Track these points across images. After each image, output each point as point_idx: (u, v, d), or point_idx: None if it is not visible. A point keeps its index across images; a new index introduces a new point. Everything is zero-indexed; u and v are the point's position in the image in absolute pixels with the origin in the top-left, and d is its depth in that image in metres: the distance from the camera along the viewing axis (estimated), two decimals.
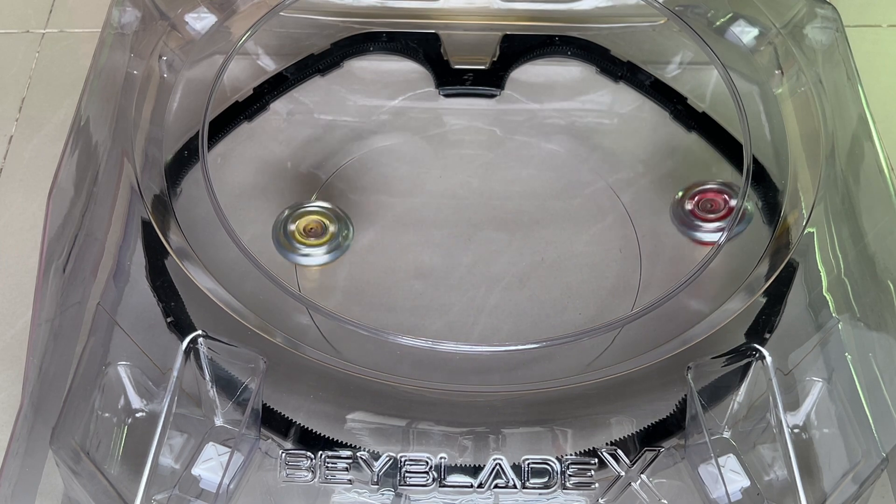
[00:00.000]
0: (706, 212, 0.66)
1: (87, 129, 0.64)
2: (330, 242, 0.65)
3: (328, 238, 0.65)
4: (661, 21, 0.77)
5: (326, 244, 0.65)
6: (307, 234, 0.65)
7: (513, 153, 0.74)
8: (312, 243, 0.65)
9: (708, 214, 0.66)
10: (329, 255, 0.65)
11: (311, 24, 0.78)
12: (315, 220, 0.65)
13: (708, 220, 0.66)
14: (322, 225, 0.65)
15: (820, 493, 0.53)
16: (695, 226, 0.66)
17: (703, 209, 0.66)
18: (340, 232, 0.65)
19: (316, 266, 0.65)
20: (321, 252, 0.65)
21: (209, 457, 0.54)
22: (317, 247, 0.65)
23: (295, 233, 0.65)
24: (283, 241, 0.65)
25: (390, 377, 0.58)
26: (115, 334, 0.57)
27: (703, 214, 0.66)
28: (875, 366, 0.56)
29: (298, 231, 0.65)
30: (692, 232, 0.66)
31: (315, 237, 0.65)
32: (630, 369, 0.58)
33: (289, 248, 0.65)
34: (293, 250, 0.65)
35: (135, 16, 0.71)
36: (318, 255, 0.65)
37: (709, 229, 0.66)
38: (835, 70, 0.69)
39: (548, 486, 0.54)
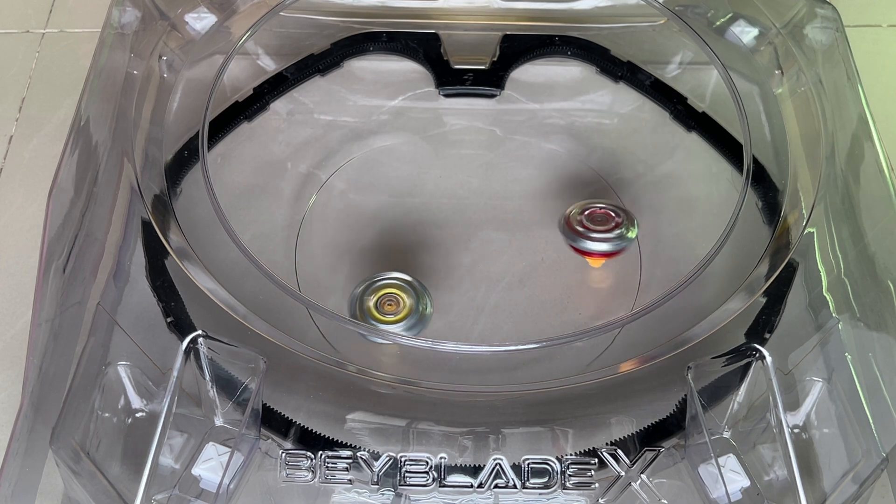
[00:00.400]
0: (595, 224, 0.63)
1: (87, 129, 0.64)
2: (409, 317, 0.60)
3: (405, 314, 0.60)
4: (661, 21, 0.77)
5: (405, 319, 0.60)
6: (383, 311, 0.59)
7: (513, 153, 0.74)
8: (389, 320, 0.59)
9: (597, 226, 0.63)
10: (411, 331, 0.59)
11: (311, 24, 0.78)
12: (391, 293, 0.60)
13: (597, 231, 0.63)
14: (398, 299, 0.60)
15: (820, 493, 0.53)
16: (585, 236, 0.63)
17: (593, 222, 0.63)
18: (419, 304, 0.60)
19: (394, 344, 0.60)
20: (400, 328, 0.59)
21: (209, 457, 0.53)
22: (394, 323, 0.59)
23: (371, 308, 0.60)
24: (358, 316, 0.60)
25: (390, 377, 0.58)
26: (115, 334, 0.57)
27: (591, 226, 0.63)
28: (875, 366, 0.56)
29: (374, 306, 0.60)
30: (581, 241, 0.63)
31: (392, 314, 0.59)
32: (630, 369, 0.58)
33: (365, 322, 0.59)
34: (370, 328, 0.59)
35: (135, 16, 0.71)
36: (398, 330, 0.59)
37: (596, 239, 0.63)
38: (835, 70, 0.69)
39: (548, 486, 0.54)
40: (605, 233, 0.63)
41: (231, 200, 0.69)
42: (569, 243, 0.63)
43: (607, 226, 0.63)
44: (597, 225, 0.63)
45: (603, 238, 0.62)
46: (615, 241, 0.63)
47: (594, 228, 0.63)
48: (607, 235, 0.62)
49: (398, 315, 0.60)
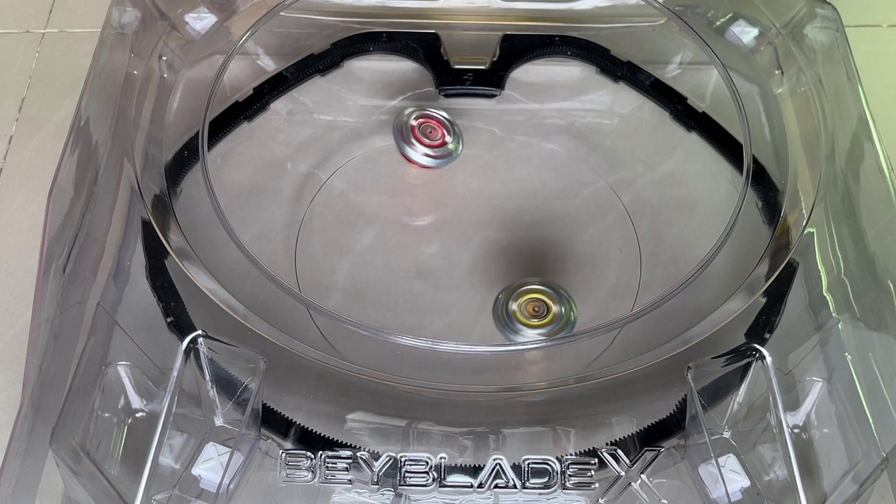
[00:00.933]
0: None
1: (87, 129, 0.64)
2: (554, 323, 0.61)
3: (551, 319, 0.61)
4: (661, 21, 0.77)
5: (549, 325, 0.61)
6: (530, 315, 0.61)
7: (513, 153, 0.74)
8: (535, 324, 0.60)
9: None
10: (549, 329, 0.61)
11: (311, 24, 0.78)
12: (536, 298, 0.61)
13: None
14: (545, 305, 0.61)
15: (820, 493, 0.53)
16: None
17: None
18: (562, 311, 0.61)
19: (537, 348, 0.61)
20: (543, 332, 0.60)
21: (209, 457, 0.54)
22: (539, 328, 0.60)
23: (517, 313, 0.61)
24: (503, 320, 0.61)
25: (390, 377, 0.58)
26: (115, 334, 0.57)
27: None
28: (875, 366, 0.56)
29: (520, 311, 0.61)
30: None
31: (538, 318, 0.61)
32: (630, 369, 0.58)
33: (510, 329, 0.61)
34: (514, 331, 0.60)
35: (135, 16, 0.71)
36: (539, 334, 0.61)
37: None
38: (835, 70, 0.69)
39: (548, 486, 0.54)
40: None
41: (231, 200, 0.69)
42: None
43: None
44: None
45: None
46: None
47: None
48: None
49: (544, 320, 0.60)
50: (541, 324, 0.60)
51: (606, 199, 0.71)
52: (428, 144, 0.68)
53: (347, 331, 0.59)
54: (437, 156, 0.68)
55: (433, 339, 0.58)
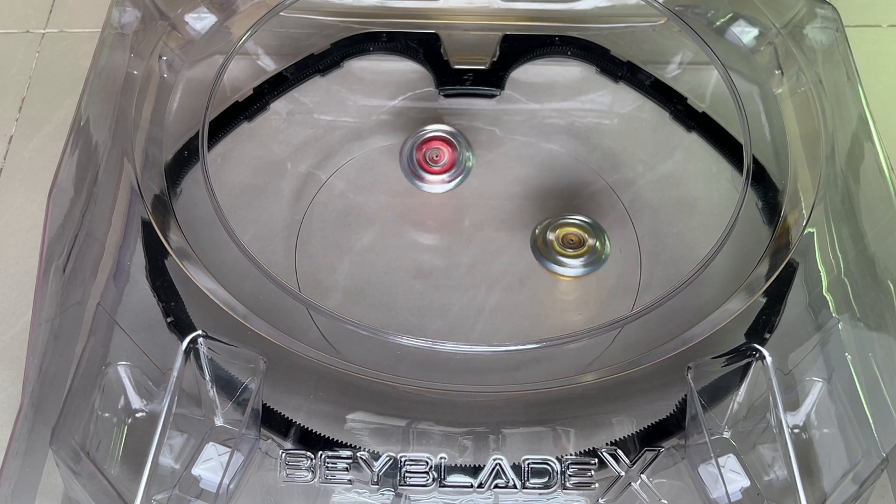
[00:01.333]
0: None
1: (87, 129, 0.64)
2: (588, 255, 0.64)
3: (586, 250, 0.64)
4: (661, 21, 0.77)
5: (584, 256, 0.64)
6: (565, 245, 0.64)
7: (513, 153, 0.74)
8: (570, 254, 0.64)
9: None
10: (586, 268, 0.64)
11: (311, 24, 0.78)
12: (573, 232, 0.64)
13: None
14: (580, 238, 0.64)
15: (820, 493, 0.53)
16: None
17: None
18: (597, 244, 0.64)
19: (571, 277, 0.64)
20: (579, 263, 0.64)
21: (209, 457, 0.54)
22: (574, 258, 0.64)
23: (554, 243, 0.64)
24: (542, 250, 0.64)
25: (390, 377, 0.58)
26: (115, 334, 0.57)
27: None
28: (875, 366, 0.56)
29: (557, 241, 0.64)
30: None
31: (573, 248, 0.64)
32: (630, 369, 0.58)
33: (549, 258, 0.64)
34: (553, 260, 0.64)
35: (135, 16, 0.71)
36: (577, 266, 0.64)
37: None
38: (835, 70, 0.69)
39: (548, 486, 0.54)
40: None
41: (231, 200, 0.69)
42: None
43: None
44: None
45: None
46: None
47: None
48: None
49: (580, 251, 0.64)
50: (576, 254, 0.64)
51: (606, 199, 0.71)
52: (438, 171, 0.67)
53: (347, 331, 0.60)
54: (451, 178, 0.68)
55: (433, 339, 0.58)
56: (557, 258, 0.64)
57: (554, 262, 0.64)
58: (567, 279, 0.65)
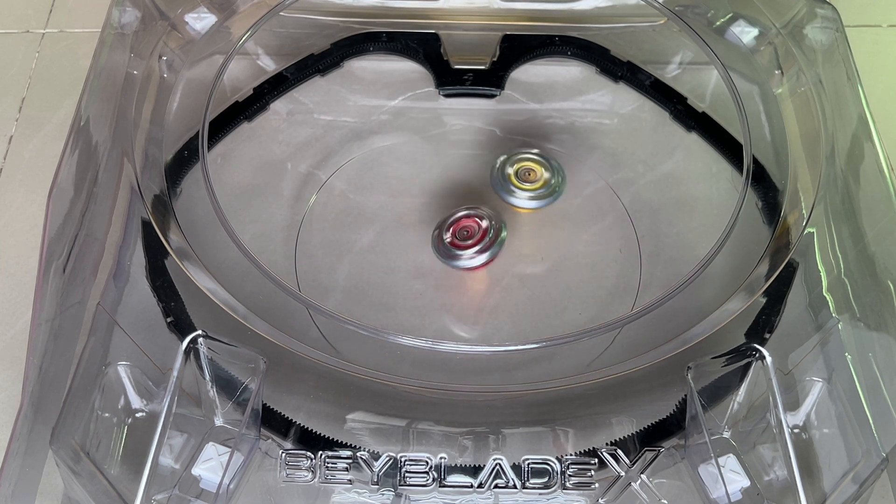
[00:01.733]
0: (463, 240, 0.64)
1: (87, 129, 0.64)
2: (544, 188, 0.66)
3: (541, 184, 0.66)
4: (661, 21, 0.77)
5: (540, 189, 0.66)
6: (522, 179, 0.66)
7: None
8: (527, 188, 0.66)
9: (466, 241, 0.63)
10: (538, 202, 0.66)
11: (311, 24, 0.78)
12: (529, 166, 0.66)
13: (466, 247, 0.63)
14: (534, 171, 0.66)
15: (820, 493, 0.53)
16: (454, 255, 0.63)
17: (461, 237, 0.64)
18: (554, 178, 0.66)
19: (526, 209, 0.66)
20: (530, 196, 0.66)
21: (209, 457, 0.54)
22: (530, 191, 0.66)
23: (511, 176, 0.66)
24: (500, 184, 0.66)
25: (390, 377, 0.58)
26: (115, 334, 0.57)
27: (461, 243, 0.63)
28: (875, 366, 0.56)
29: (514, 175, 0.66)
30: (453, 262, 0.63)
31: (529, 182, 0.66)
32: (630, 369, 0.58)
33: (506, 191, 0.66)
34: (509, 192, 0.66)
35: (135, 16, 0.71)
36: (528, 199, 0.66)
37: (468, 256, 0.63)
38: (835, 70, 0.69)
39: (548, 486, 0.54)
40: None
41: (231, 200, 0.69)
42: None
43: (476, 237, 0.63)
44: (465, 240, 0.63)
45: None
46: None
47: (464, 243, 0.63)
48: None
49: (536, 184, 0.65)
50: (532, 188, 0.65)
51: (606, 199, 0.71)
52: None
53: (347, 331, 0.59)
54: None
55: (433, 339, 0.58)
56: (513, 190, 0.65)
57: (510, 195, 0.65)
58: (524, 211, 0.66)
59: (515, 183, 0.65)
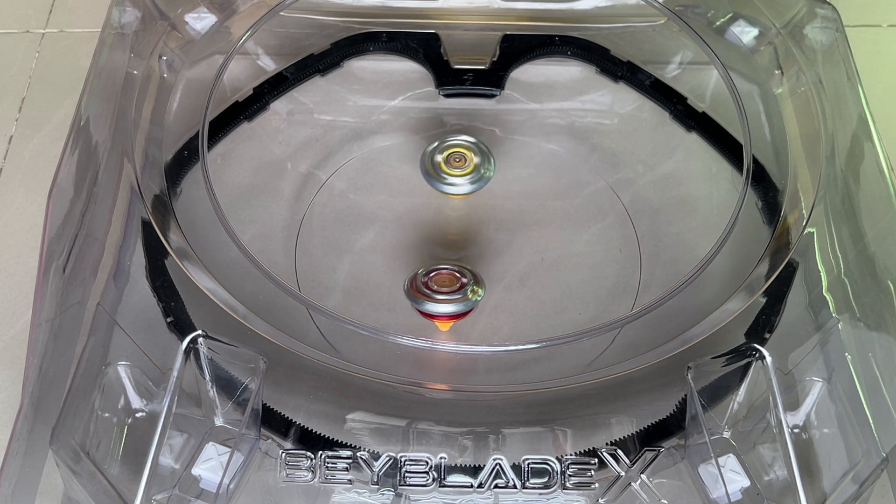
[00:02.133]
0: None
1: (87, 129, 0.64)
2: (473, 174, 0.67)
3: (471, 169, 0.67)
4: (661, 21, 0.77)
5: (470, 175, 0.67)
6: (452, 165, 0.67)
7: (513, 153, 0.74)
8: (457, 174, 0.67)
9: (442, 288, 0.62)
10: (472, 186, 0.67)
11: (311, 24, 0.78)
12: (459, 152, 0.67)
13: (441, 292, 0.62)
14: (465, 157, 0.67)
15: (820, 493, 0.53)
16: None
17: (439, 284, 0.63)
18: (483, 165, 0.67)
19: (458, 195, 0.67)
20: (465, 182, 0.67)
21: (209, 457, 0.54)
22: (461, 177, 0.67)
23: (441, 163, 0.67)
24: (430, 171, 0.67)
25: (390, 377, 0.58)
26: (115, 334, 0.57)
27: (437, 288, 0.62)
28: (875, 366, 0.56)
29: (444, 161, 0.67)
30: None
31: (459, 168, 0.67)
32: (630, 369, 0.58)
33: (436, 178, 0.67)
34: (440, 180, 0.67)
35: (135, 16, 0.71)
36: (463, 184, 0.67)
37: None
38: (835, 70, 0.69)
39: (548, 486, 0.54)
40: (450, 294, 0.62)
41: (231, 200, 0.69)
42: (414, 307, 0.62)
43: (452, 287, 0.62)
44: (442, 287, 0.63)
45: (448, 300, 0.62)
46: (461, 303, 0.62)
47: (439, 290, 0.62)
48: (454, 297, 0.62)
49: (465, 170, 0.67)
50: (462, 173, 0.67)
51: (606, 199, 0.71)
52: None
53: (347, 331, 0.60)
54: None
55: (433, 339, 0.58)
56: (445, 177, 0.66)
57: (442, 182, 0.66)
58: (456, 197, 0.68)
59: (445, 169, 0.67)
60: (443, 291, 0.62)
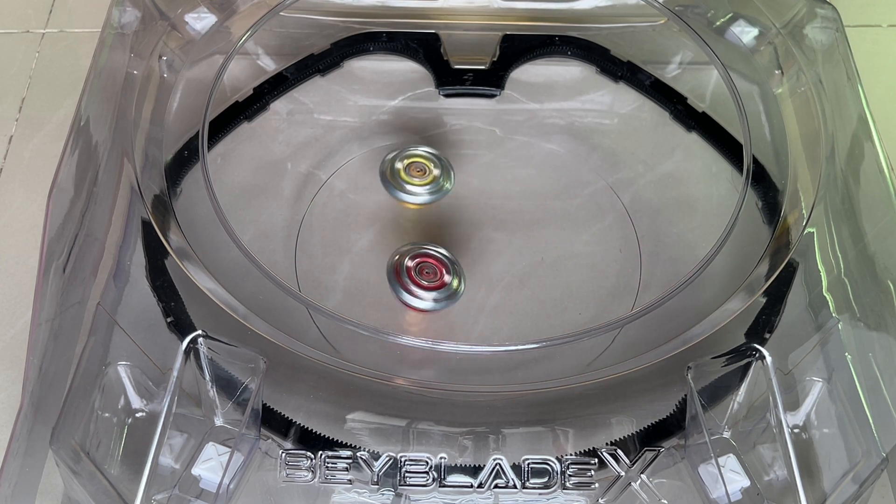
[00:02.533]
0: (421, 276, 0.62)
1: (87, 129, 0.64)
2: (433, 184, 0.67)
3: (430, 180, 0.67)
4: (661, 21, 0.77)
5: (429, 185, 0.67)
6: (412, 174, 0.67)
7: (513, 153, 0.74)
8: (417, 183, 0.66)
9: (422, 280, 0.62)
10: (431, 197, 0.67)
11: (311, 24, 0.78)
12: (420, 162, 0.67)
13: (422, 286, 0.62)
14: (425, 168, 0.67)
15: (820, 493, 0.53)
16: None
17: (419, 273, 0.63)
18: (442, 176, 0.67)
19: (416, 205, 0.67)
20: (424, 192, 0.67)
21: (209, 457, 0.54)
22: (420, 186, 0.66)
23: (401, 171, 0.66)
24: (390, 179, 0.67)
25: (390, 377, 0.58)
26: (115, 334, 0.57)
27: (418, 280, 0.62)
28: (875, 366, 0.56)
29: (404, 170, 0.67)
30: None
31: (419, 178, 0.66)
32: (630, 369, 0.58)
33: (396, 187, 0.66)
34: (399, 188, 0.66)
35: (135, 16, 0.71)
36: (422, 194, 0.67)
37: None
38: (835, 70, 0.69)
39: (548, 486, 0.54)
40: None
41: (231, 200, 0.69)
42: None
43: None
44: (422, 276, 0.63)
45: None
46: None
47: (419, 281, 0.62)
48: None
49: (425, 180, 0.66)
50: (421, 183, 0.66)
51: (606, 199, 0.71)
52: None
53: (347, 331, 0.59)
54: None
55: (433, 339, 0.58)
56: (405, 186, 0.66)
57: (402, 191, 0.66)
58: (413, 207, 0.67)
59: (405, 178, 0.66)
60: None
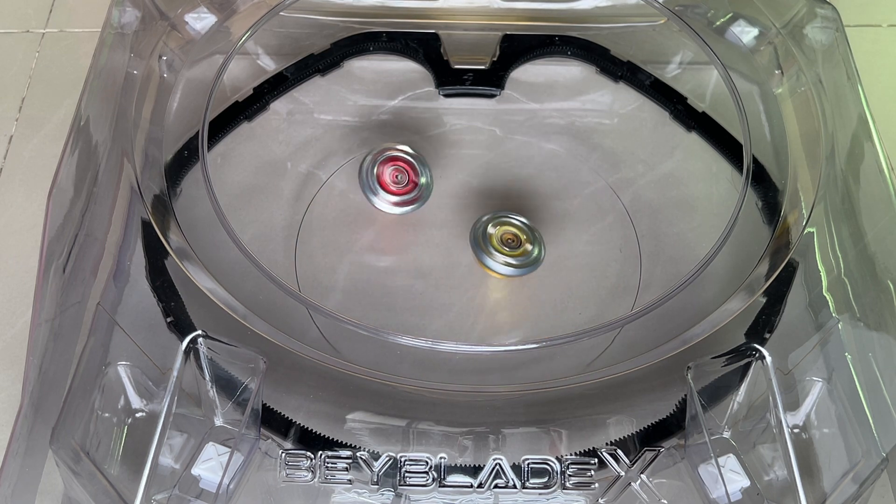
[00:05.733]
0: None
1: (87, 129, 0.64)
2: (523, 257, 0.63)
3: (521, 252, 0.63)
4: (661, 21, 0.77)
5: (521, 257, 0.63)
6: (503, 244, 0.63)
7: (513, 153, 0.74)
8: (508, 253, 0.63)
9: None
10: (520, 271, 0.63)
11: (311, 24, 0.78)
12: (512, 231, 0.64)
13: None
14: (518, 238, 0.64)
15: (820, 493, 0.53)
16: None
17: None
18: (535, 248, 0.64)
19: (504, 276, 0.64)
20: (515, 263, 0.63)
21: (209, 457, 0.54)
22: (512, 257, 0.63)
23: (493, 238, 0.63)
24: (481, 244, 0.63)
25: (390, 377, 0.58)
26: (115, 334, 0.57)
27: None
28: (875, 366, 0.56)
29: (497, 238, 0.63)
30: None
31: (510, 248, 0.63)
32: (630, 369, 0.58)
33: (486, 253, 0.63)
34: (490, 255, 0.63)
35: (135, 16, 0.71)
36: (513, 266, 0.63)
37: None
38: (835, 70, 0.69)
39: (548, 486, 0.54)
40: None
41: (231, 200, 0.69)
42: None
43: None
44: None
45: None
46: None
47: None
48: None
49: (516, 251, 0.63)
50: (512, 253, 0.63)
51: (606, 199, 0.71)
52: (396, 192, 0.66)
53: (347, 331, 0.60)
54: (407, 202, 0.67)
55: (433, 339, 0.58)
56: (495, 254, 0.63)
57: (491, 258, 0.63)
58: (499, 277, 0.64)
59: (496, 246, 0.63)
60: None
